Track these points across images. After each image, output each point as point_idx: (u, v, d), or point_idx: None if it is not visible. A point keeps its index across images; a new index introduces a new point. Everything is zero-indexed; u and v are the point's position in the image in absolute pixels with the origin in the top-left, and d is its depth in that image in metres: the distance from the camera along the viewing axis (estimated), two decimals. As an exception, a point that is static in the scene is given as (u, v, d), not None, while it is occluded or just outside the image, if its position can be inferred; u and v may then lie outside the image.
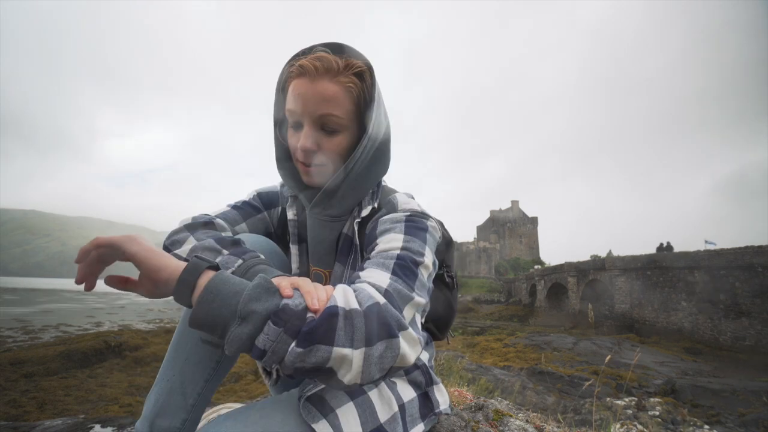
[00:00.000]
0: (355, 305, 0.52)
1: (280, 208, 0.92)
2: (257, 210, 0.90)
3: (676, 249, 23.73)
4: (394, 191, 0.84)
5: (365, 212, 0.77)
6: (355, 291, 0.55)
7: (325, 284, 0.78)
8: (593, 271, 24.67)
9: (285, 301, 0.50)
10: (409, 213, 0.72)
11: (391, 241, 0.66)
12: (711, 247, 20.52)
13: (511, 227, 78.60)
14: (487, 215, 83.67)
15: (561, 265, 28.91)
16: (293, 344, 0.48)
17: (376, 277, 0.59)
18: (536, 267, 41.74)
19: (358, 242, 0.77)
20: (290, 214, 0.85)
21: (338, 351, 0.49)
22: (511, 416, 1.33)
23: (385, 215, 0.74)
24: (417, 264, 0.63)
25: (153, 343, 12.84)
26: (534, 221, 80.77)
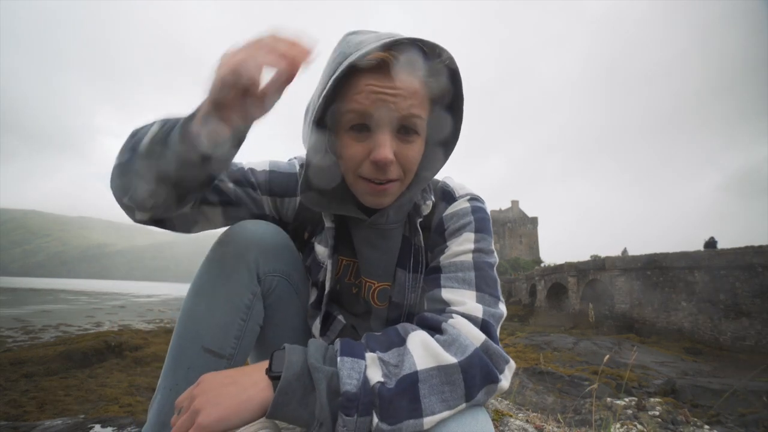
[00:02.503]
0: (448, 359, 0.47)
1: (297, 200, 0.77)
2: (253, 187, 0.74)
3: (678, 249, 23.72)
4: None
5: (427, 210, 0.71)
6: (447, 334, 0.50)
7: (388, 299, 0.72)
8: (593, 271, 24.65)
9: (344, 387, 0.45)
10: (469, 197, 0.70)
11: (464, 243, 0.63)
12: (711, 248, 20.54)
13: (511, 227, 78.61)
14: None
15: (561, 265, 28.92)
16: (377, 422, 0.44)
17: (467, 304, 0.55)
18: (542, 265, 41.66)
19: (422, 244, 0.70)
20: (328, 222, 0.72)
21: (431, 419, 0.45)
22: (511, 416, 1.34)
23: (445, 208, 0.70)
24: (492, 266, 0.62)
25: (153, 343, 12.84)
26: (534, 221, 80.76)
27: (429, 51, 0.57)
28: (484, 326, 0.53)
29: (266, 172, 0.76)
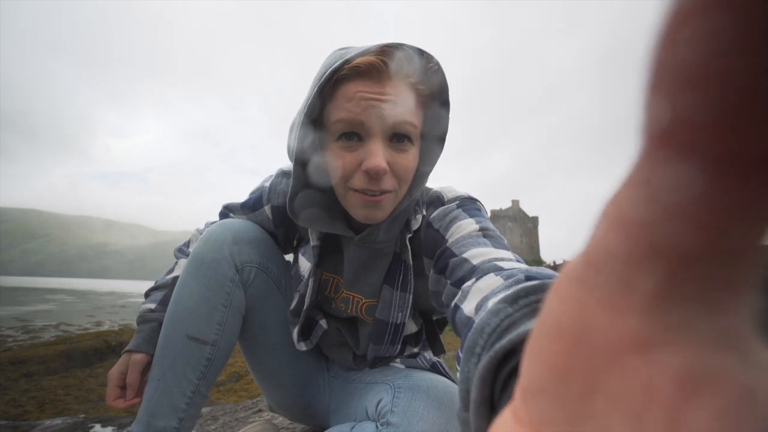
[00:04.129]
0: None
1: (266, 209, 0.78)
2: (228, 217, 0.84)
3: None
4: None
5: (417, 224, 0.66)
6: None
7: (374, 315, 0.70)
8: (593, 271, 24.80)
9: None
10: (458, 202, 0.63)
11: (466, 228, 0.56)
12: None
13: (511, 227, 78.74)
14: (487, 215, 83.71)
15: (560, 265, 29.04)
16: None
17: (500, 252, 0.48)
18: (542, 266, 42.03)
19: (410, 261, 0.67)
20: (313, 240, 0.71)
21: None
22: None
23: (433, 213, 0.64)
24: (504, 241, 0.55)
25: (153, 343, 12.85)
26: (534, 221, 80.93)
27: (417, 56, 0.56)
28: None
29: (245, 200, 0.82)
